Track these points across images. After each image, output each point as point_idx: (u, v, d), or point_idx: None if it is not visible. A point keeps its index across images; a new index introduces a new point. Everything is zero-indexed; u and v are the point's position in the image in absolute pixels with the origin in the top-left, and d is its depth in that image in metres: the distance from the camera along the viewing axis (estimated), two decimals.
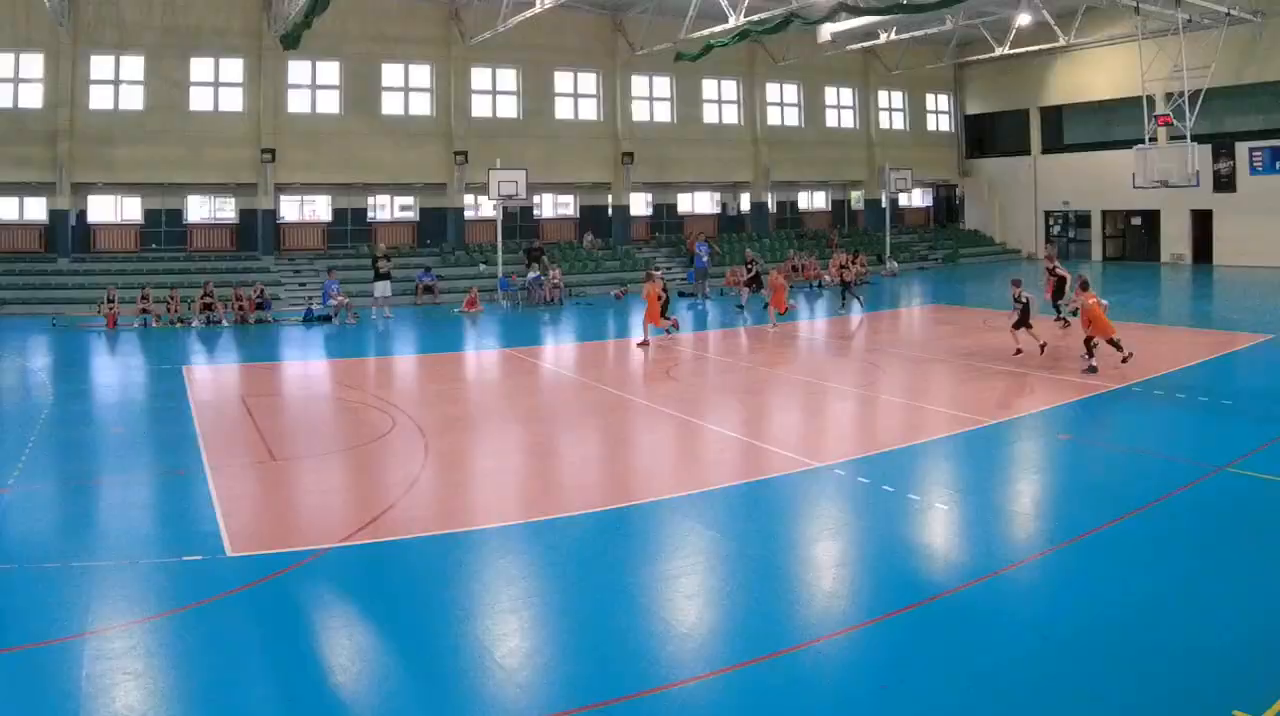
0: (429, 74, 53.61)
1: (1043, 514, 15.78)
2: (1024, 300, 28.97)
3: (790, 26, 45.91)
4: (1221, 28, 48.75)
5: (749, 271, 43.99)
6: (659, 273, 37.41)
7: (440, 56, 53.20)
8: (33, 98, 46.64)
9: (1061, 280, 33.75)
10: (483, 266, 51.87)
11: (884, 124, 69.05)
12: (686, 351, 32.96)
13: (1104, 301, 27.10)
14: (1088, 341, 26.30)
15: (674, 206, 64.21)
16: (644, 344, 32.51)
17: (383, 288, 42.04)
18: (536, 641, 11.35)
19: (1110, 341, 25.98)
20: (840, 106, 67.23)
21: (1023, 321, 28.96)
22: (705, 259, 49.52)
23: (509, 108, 55.91)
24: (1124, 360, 25.86)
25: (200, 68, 49.20)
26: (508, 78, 55.63)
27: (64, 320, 39.50)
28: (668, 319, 34.06)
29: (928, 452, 19.46)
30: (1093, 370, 25.72)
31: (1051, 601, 12.24)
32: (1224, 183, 56.30)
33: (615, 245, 57.87)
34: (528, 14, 42.84)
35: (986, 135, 72.82)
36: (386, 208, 56.14)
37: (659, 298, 33.29)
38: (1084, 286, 27.06)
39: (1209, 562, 13.17)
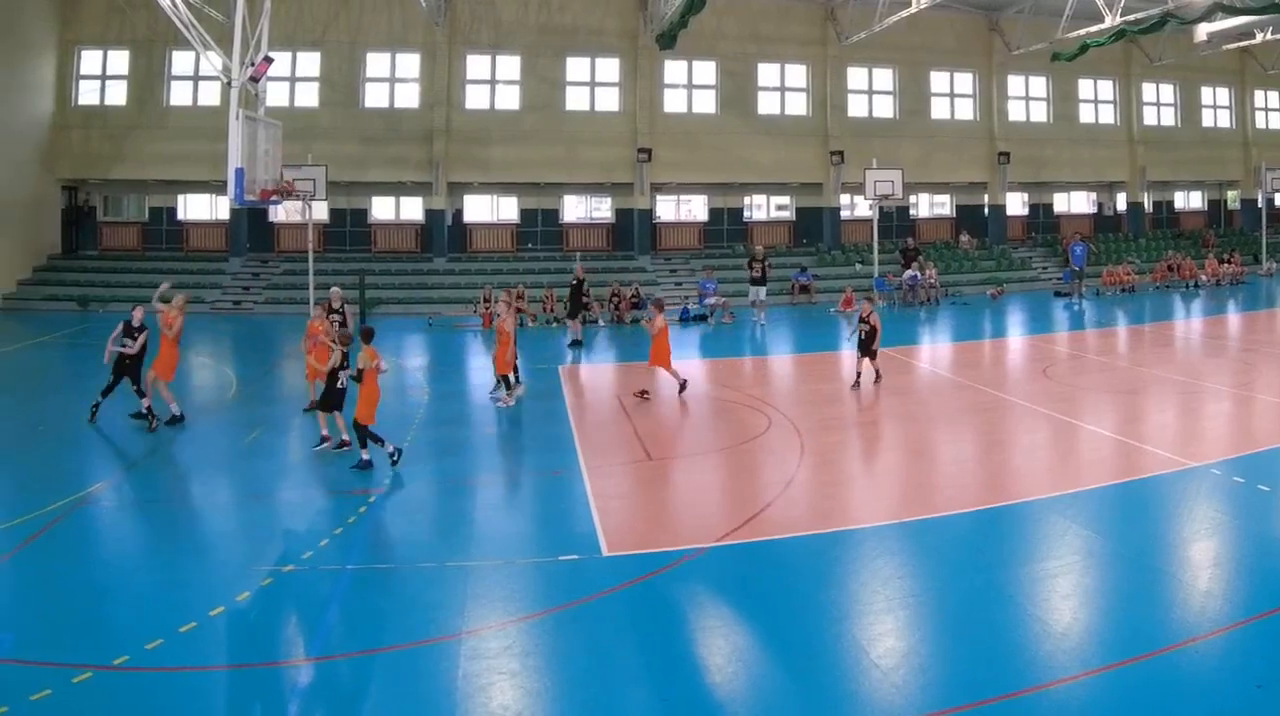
0: (804, 73, 53.24)
1: None
2: (872, 323, 26.03)
3: (1166, 26, 44.03)
4: None
5: (580, 294, 36.98)
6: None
7: (816, 56, 52.77)
8: (409, 98, 48.82)
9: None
10: (859, 266, 51.43)
11: (1260, 123, 65.35)
12: (1061, 350, 32.48)
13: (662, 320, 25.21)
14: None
15: (1050, 206, 62.32)
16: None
17: (757, 289, 41.81)
18: (912, 641, 11.28)
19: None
20: (1216, 106, 63.96)
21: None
22: (1081, 259, 47.63)
23: (885, 107, 55.14)
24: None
25: (576, 67, 50.37)
26: (884, 77, 54.85)
27: (440, 320, 40.56)
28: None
29: None
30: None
31: None
32: None
33: (991, 244, 56.63)
34: (904, 14, 42.15)
35: None
36: (763, 207, 56.17)
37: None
38: (659, 306, 25.59)
39: None
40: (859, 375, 25.76)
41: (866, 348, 25.90)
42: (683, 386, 24.91)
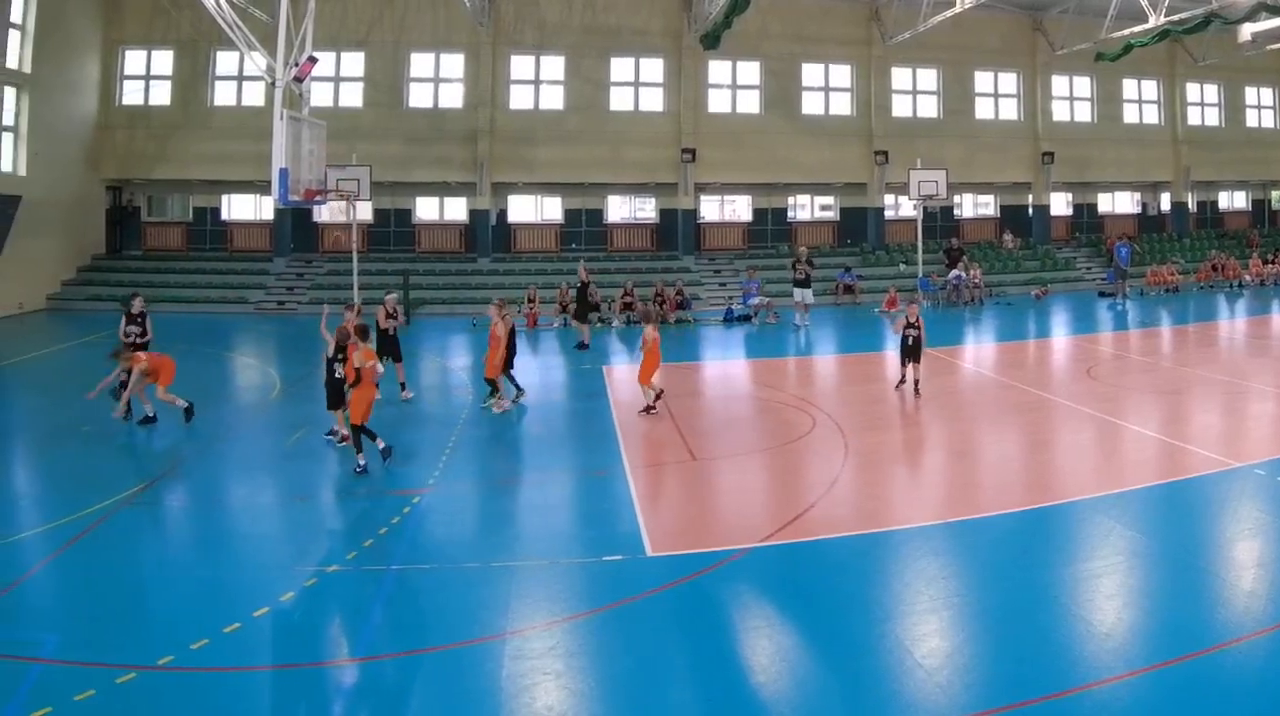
0: (849, 74, 53.23)
1: None
2: (919, 327, 24.85)
3: (1210, 26, 43.76)
4: None
5: (586, 297, 36.04)
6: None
7: (860, 56, 52.75)
8: (453, 98, 49.09)
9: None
10: (903, 266, 51.42)
11: None
12: (1105, 351, 32.34)
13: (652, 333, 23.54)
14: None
15: (1094, 206, 62.03)
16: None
17: (803, 291, 41.64)
18: (956, 641, 11.17)
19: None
20: (1260, 106, 63.33)
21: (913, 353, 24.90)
22: (1126, 259, 47.29)
23: (929, 107, 55.05)
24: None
25: (620, 68, 50.55)
26: (928, 77, 54.76)
27: (484, 320, 40.42)
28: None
29: None
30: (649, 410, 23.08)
31: None
32: None
33: (1035, 245, 56.50)
34: (948, 14, 42.08)
35: None
36: (806, 207, 56.16)
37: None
38: (649, 318, 24.29)
39: None
40: (904, 376, 25.42)
41: (913, 353, 25.05)
42: (650, 408, 23.29)
